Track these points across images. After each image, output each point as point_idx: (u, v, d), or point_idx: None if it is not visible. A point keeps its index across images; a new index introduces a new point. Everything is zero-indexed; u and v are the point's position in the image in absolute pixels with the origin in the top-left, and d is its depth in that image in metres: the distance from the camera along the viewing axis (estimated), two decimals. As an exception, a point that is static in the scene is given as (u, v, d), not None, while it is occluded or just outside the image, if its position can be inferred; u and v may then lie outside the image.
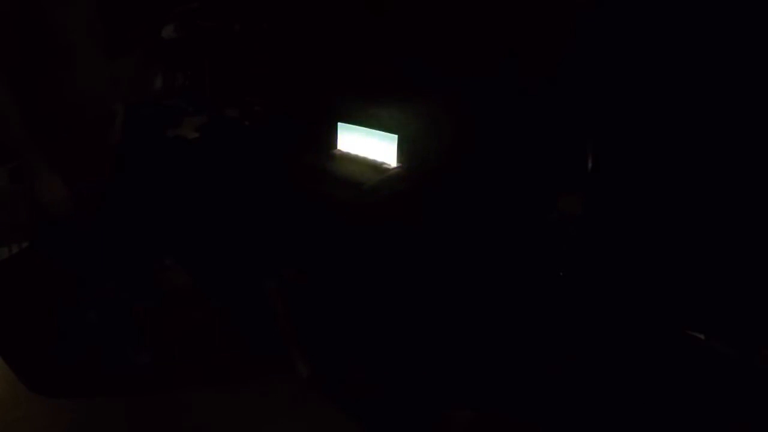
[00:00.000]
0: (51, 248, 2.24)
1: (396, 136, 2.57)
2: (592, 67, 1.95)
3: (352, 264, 2.43)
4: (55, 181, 1.90)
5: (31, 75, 1.85)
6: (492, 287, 2.13)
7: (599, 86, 1.95)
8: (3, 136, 1.84)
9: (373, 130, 2.66)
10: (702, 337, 1.72)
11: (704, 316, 1.74)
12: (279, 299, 2.50)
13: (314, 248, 2.53)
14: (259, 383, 2.36)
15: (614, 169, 1.95)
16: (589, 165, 1.98)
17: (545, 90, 2.10)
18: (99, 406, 2.26)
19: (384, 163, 2.60)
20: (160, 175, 3.32)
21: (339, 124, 2.80)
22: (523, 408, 1.99)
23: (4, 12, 1.72)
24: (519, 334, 2.04)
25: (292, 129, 3.10)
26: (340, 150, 2.80)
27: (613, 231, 1.93)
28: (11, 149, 1.92)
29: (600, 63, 1.93)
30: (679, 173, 1.81)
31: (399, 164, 2.58)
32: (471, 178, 2.31)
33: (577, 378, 1.89)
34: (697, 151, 1.77)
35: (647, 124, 1.86)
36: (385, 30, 2.64)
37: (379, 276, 2.37)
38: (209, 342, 2.64)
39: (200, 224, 3.17)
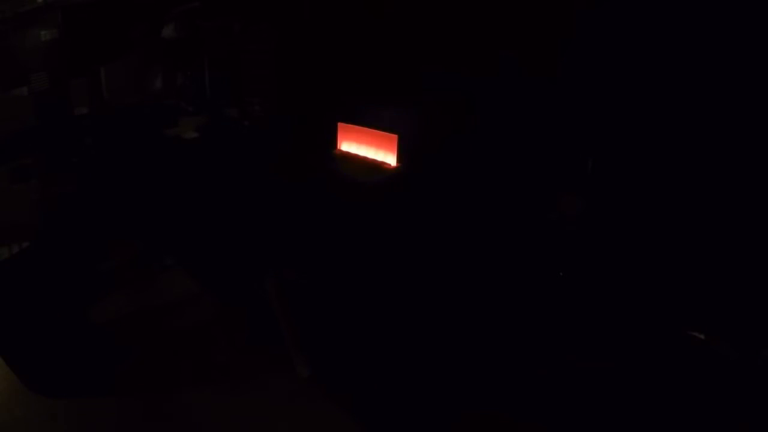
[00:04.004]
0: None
1: (396, 136, 2.56)
2: (593, 67, 1.95)
3: (353, 264, 2.43)
4: None
5: None
6: (492, 287, 2.13)
7: (599, 86, 1.95)
8: None
9: (373, 130, 2.65)
10: (702, 337, 1.72)
11: (704, 316, 1.74)
12: (279, 299, 2.50)
13: (314, 248, 2.52)
14: (259, 383, 2.36)
15: (614, 169, 1.94)
16: (589, 165, 1.98)
17: (545, 90, 2.10)
18: (98, 406, 2.26)
19: (384, 163, 2.60)
20: (160, 174, 3.32)
21: (339, 124, 2.80)
22: (523, 408, 1.98)
23: None
24: (519, 334, 2.04)
25: (292, 129, 3.10)
26: (340, 150, 2.80)
27: (613, 231, 1.93)
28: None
29: (600, 63, 1.93)
30: (679, 173, 1.81)
31: (399, 164, 2.57)
32: (471, 177, 2.31)
33: (577, 378, 1.89)
34: (697, 151, 1.77)
35: (647, 124, 1.86)
36: (385, 30, 2.64)
37: (379, 276, 2.36)
38: (209, 341, 2.63)
39: (200, 224, 3.16)
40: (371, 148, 2.68)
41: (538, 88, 2.12)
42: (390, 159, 2.60)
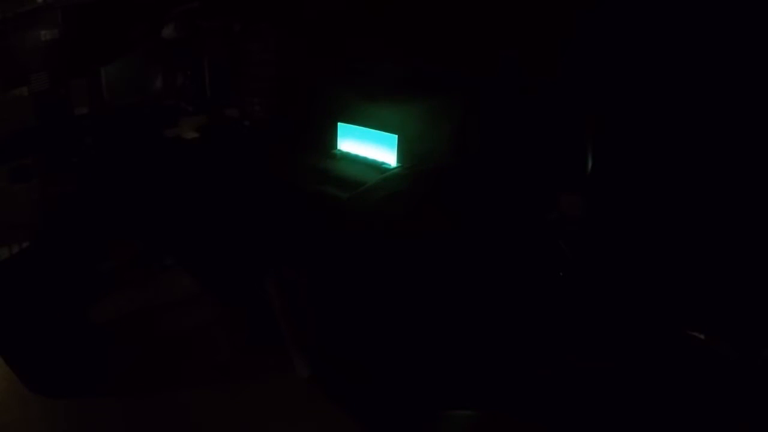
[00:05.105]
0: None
1: (396, 136, 2.56)
2: (593, 66, 1.95)
3: (352, 263, 2.43)
4: None
5: None
6: (492, 287, 2.13)
7: (599, 86, 1.95)
8: None
9: (373, 130, 2.65)
10: (702, 337, 1.72)
11: (704, 316, 1.74)
12: (279, 298, 2.50)
13: (314, 248, 2.52)
14: (259, 383, 2.36)
15: (614, 169, 1.94)
16: (589, 165, 1.98)
17: (545, 90, 2.10)
18: (99, 407, 2.26)
19: (384, 163, 2.60)
20: (160, 174, 3.32)
21: (339, 124, 2.80)
22: (523, 408, 1.98)
23: None
24: (519, 333, 2.04)
25: (292, 129, 3.10)
26: (340, 150, 2.80)
27: (613, 231, 1.93)
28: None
29: (600, 63, 1.93)
30: (679, 173, 1.81)
31: (399, 164, 2.57)
32: (471, 177, 2.30)
33: (577, 378, 1.89)
34: (697, 151, 1.77)
35: (647, 124, 1.86)
36: (385, 30, 2.64)
37: (379, 275, 2.36)
38: (209, 341, 2.64)
39: (200, 224, 3.17)
40: (371, 148, 2.68)
41: (538, 88, 2.12)
42: (390, 159, 2.60)
